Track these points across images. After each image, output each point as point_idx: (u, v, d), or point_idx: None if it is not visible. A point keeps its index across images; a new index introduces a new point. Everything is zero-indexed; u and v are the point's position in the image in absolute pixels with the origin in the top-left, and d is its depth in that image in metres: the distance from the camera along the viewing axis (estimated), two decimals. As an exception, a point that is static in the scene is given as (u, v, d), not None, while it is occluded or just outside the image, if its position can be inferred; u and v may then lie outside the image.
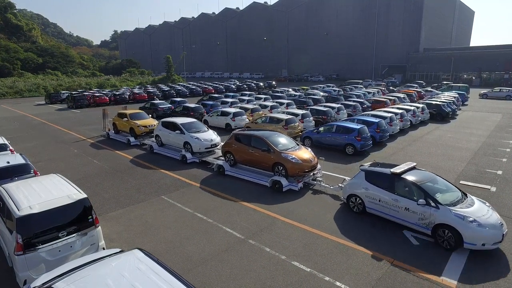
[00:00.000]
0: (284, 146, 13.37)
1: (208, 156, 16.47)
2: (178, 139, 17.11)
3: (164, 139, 18.22)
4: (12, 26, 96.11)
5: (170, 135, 17.61)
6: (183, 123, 17.51)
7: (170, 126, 17.83)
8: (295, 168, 12.48)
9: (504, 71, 65.64)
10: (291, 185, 12.55)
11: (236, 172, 14.26)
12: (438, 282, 7.35)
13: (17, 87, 56.73)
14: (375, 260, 8.19)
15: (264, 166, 13.45)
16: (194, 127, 17.47)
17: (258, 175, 13.63)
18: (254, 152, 13.62)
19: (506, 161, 16.25)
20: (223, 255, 8.42)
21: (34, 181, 8.43)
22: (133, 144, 20.06)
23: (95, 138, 22.35)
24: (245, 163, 14.28)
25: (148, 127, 20.47)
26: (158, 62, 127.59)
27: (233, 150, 14.48)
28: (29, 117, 32.41)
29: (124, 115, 21.37)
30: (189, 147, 16.54)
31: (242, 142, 14.21)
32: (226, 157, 14.91)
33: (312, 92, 40.57)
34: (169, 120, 18.29)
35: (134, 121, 20.66)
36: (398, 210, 9.41)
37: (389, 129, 20.44)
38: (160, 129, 18.33)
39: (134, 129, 20.42)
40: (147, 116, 21.94)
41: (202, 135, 16.87)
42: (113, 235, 9.47)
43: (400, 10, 77.51)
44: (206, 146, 16.52)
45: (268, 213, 10.80)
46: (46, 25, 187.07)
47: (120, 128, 21.73)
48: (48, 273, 5.32)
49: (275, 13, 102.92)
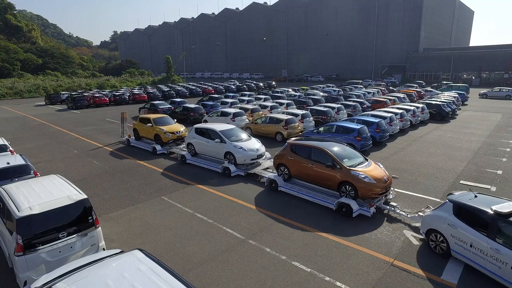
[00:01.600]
0: (352, 161, 11.32)
1: (255, 168, 14.46)
2: (218, 149, 15.17)
3: (198, 148, 16.23)
4: (12, 27, 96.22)
5: (208, 144, 15.62)
6: (223, 130, 15.52)
7: (206, 134, 15.84)
8: (367, 189, 10.37)
9: (503, 71, 65.66)
10: (362, 209, 10.44)
11: (291, 188, 12.20)
12: (438, 282, 7.35)
13: (17, 88, 56.73)
14: (375, 260, 8.19)
15: (327, 184, 11.39)
16: (234, 134, 15.57)
17: (319, 194, 11.54)
18: (315, 167, 11.54)
19: (506, 160, 16.26)
20: (223, 256, 8.42)
21: (34, 182, 8.42)
22: (160, 152, 18.04)
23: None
24: (303, 178, 12.25)
25: (175, 133, 18.55)
26: (157, 62, 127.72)
27: (288, 162, 12.45)
28: (29, 118, 32.41)
29: (148, 120, 19.29)
30: (231, 158, 14.56)
31: (300, 154, 12.18)
32: (279, 170, 12.86)
33: (312, 92, 40.56)
34: (205, 127, 16.23)
35: (159, 127, 18.64)
36: (500, 265, 6.91)
37: (389, 129, 20.44)
38: (194, 136, 16.30)
39: (160, 136, 18.35)
40: (172, 121, 19.93)
41: (246, 144, 14.85)
42: (113, 236, 9.47)
43: (399, 10, 77.54)
44: (251, 157, 14.47)
45: (268, 213, 10.80)
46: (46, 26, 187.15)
47: (143, 134, 19.83)
48: (49, 274, 5.32)
49: (275, 13, 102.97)
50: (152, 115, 20.65)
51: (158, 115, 20.39)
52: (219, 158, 15.45)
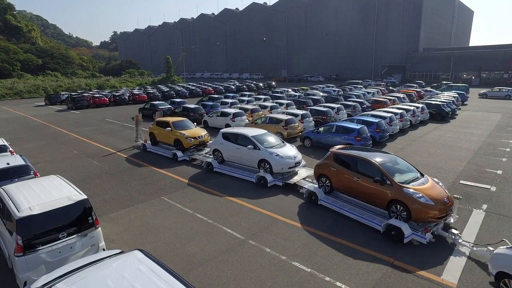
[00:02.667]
0: (406, 177, 9.87)
1: (293, 178, 13.13)
2: (250, 156, 13.82)
3: (226, 154, 14.91)
4: (11, 28, 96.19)
5: (239, 151, 14.26)
6: (255, 135, 14.15)
7: (236, 139, 14.54)
8: (423, 212, 8.84)
9: (503, 71, 65.69)
10: (416, 234, 8.87)
11: (333, 203, 10.94)
12: (439, 282, 7.35)
13: (16, 88, 56.73)
14: (375, 260, 8.19)
15: (374, 201, 10.03)
16: (267, 140, 14.22)
17: (364, 212, 10.18)
18: (361, 181, 10.17)
19: (506, 160, 16.26)
20: (223, 256, 8.42)
21: (34, 182, 8.41)
22: (181, 159, 16.81)
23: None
24: (347, 192, 10.97)
25: (197, 138, 17.31)
26: (157, 62, 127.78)
27: (331, 174, 11.17)
28: (29, 118, 32.41)
29: (166, 124, 18.01)
30: (267, 167, 13.23)
31: (344, 165, 10.87)
32: (320, 181, 11.62)
33: (311, 92, 40.58)
34: (234, 132, 14.89)
35: (180, 131, 17.44)
36: None
37: (389, 129, 20.45)
38: (222, 142, 14.98)
39: (181, 141, 17.09)
40: (192, 125, 18.56)
41: (282, 150, 13.54)
42: (113, 236, 9.47)
43: (399, 10, 77.61)
44: (289, 164, 13.15)
45: (268, 214, 10.80)
46: (46, 26, 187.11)
47: (160, 139, 18.64)
48: (49, 274, 5.31)
49: (275, 13, 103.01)
50: (171, 118, 19.40)
51: (177, 118, 19.09)
52: (251, 166, 14.06)
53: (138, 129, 20.04)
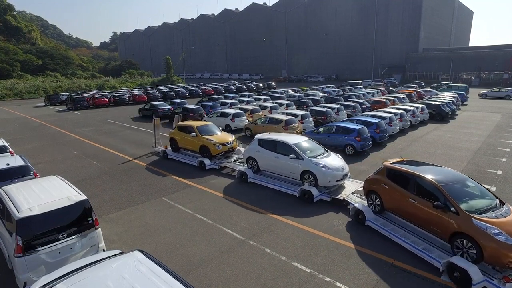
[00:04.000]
0: (478, 204, 7.83)
1: (342, 192, 11.68)
2: (292, 167, 12.33)
3: (263, 163, 13.51)
4: (11, 28, 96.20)
5: (278, 160, 12.80)
6: (297, 143, 12.72)
7: (274, 147, 13.12)
8: (502, 254, 6.77)
9: (503, 71, 65.72)
10: (491, 282, 6.84)
11: (382, 226, 9.31)
12: (439, 282, 7.35)
13: (16, 89, 56.77)
14: (375, 260, 8.19)
15: (434, 231, 8.16)
16: (310, 148, 12.79)
17: (419, 241, 8.39)
18: (418, 204, 8.37)
19: (506, 160, 16.27)
20: (223, 256, 8.42)
21: (34, 183, 8.41)
22: (209, 168, 15.37)
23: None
24: (400, 215, 9.22)
25: (226, 144, 15.95)
26: (157, 63, 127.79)
27: (382, 191, 9.56)
28: (29, 119, 32.41)
29: (190, 129, 16.66)
30: (311, 179, 11.78)
31: (399, 182, 9.10)
32: (370, 198, 10.06)
33: (311, 92, 40.56)
34: (272, 138, 13.41)
35: (206, 137, 16.12)
36: None
37: (388, 129, 20.45)
38: (257, 149, 13.60)
39: (209, 148, 15.66)
40: (218, 130, 17.26)
41: (328, 161, 12.06)
42: (113, 237, 9.46)
43: (399, 10, 77.66)
44: (337, 177, 11.72)
45: (268, 214, 10.79)
46: (46, 27, 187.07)
47: (183, 145, 17.28)
48: (48, 275, 5.31)
49: (274, 13, 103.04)
50: (194, 122, 18.10)
51: (202, 123, 17.80)
52: (292, 178, 12.62)
53: (156, 134, 18.71)
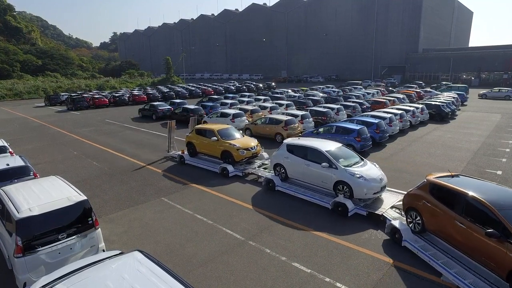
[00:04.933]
0: None
1: (382, 206, 10.45)
2: (324, 176, 11.27)
3: (292, 170, 12.47)
4: (11, 28, 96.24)
5: (308, 168, 11.74)
6: (330, 150, 11.59)
7: (305, 153, 12.00)
8: None
9: (503, 71, 65.75)
10: None
11: (422, 249, 8.00)
12: (438, 283, 7.35)
13: (16, 89, 56.76)
14: (375, 261, 8.19)
15: (487, 263, 6.81)
16: (344, 156, 11.70)
17: (467, 274, 7.08)
18: (467, 229, 7.08)
19: (505, 161, 16.27)
20: (223, 257, 8.42)
21: (34, 183, 8.41)
22: (232, 174, 14.39)
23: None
24: (443, 237, 7.89)
25: (250, 150, 14.95)
26: (157, 63, 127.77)
27: (423, 209, 8.29)
28: (29, 119, 32.40)
29: (210, 133, 15.70)
30: (346, 190, 10.69)
31: (444, 201, 7.78)
32: (409, 216, 8.81)
33: (311, 93, 40.58)
34: (302, 144, 12.34)
35: (228, 141, 15.13)
36: None
37: (388, 129, 20.45)
38: (286, 156, 12.56)
39: (232, 154, 14.66)
40: (239, 133, 16.36)
41: (365, 171, 10.85)
42: (113, 237, 9.46)
43: (399, 10, 77.69)
44: (374, 189, 10.53)
45: (268, 214, 10.79)
46: (46, 27, 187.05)
47: (202, 150, 16.28)
48: (48, 275, 5.31)
49: (274, 14, 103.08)
50: (214, 125, 17.05)
51: (222, 126, 16.78)
52: (324, 188, 11.61)
53: (171, 137, 17.68)
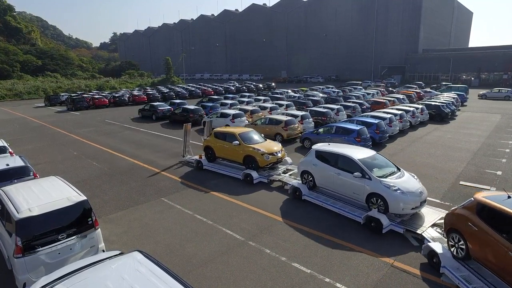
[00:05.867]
0: None
1: (424, 225, 9.22)
2: (355, 186, 10.24)
3: (320, 179, 11.47)
4: (11, 29, 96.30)
5: (338, 177, 10.73)
6: (363, 158, 10.53)
7: (335, 161, 10.98)
8: None
9: (503, 72, 65.79)
10: None
11: (463, 280, 6.93)
12: (439, 283, 7.34)
13: (16, 89, 56.79)
14: (375, 261, 8.19)
15: None
16: (380, 165, 10.65)
17: None
18: None
19: (505, 161, 16.27)
20: (223, 257, 8.41)
21: (34, 184, 8.41)
22: (257, 181, 13.42)
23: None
24: (492, 268, 6.76)
25: (275, 155, 13.98)
26: (157, 64, 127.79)
27: (468, 233, 7.16)
28: (29, 119, 32.40)
29: (232, 136, 14.71)
30: (380, 204, 9.60)
31: (495, 226, 6.62)
32: (451, 239, 7.70)
33: (311, 93, 40.62)
34: (332, 151, 11.20)
35: (252, 145, 14.13)
36: None
37: (388, 130, 20.46)
38: (315, 163, 11.54)
39: (256, 159, 13.66)
40: (261, 137, 15.35)
41: (403, 183, 9.68)
42: (113, 237, 9.46)
43: (399, 10, 77.71)
44: (413, 203, 9.29)
45: (268, 215, 10.79)
46: (46, 28, 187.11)
47: (222, 155, 15.36)
48: (48, 275, 5.31)
49: (274, 14, 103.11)
50: (235, 129, 16.04)
51: (243, 129, 15.89)
52: (355, 200, 10.58)
53: (186, 141, 16.85)
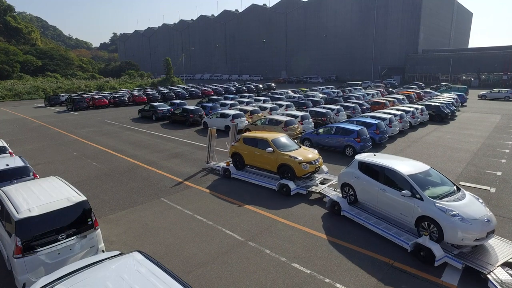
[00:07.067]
0: None
1: (484, 257, 7.65)
2: (403, 206, 8.72)
3: (362, 194, 10.13)
4: (11, 29, 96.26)
5: (384, 194, 9.27)
6: (414, 174, 8.92)
7: (382, 175, 9.48)
8: None
9: (502, 72, 65.85)
10: None
11: None
12: (439, 284, 7.34)
13: (16, 89, 56.79)
14: (375, 261, 8.18)
15: None
16: (435, 183, 8.98)
17: None
18: None
19: (505, 162, 16.27)
20: (223, 258, 8.41)
21: (33, 184, 8.40)
22: (294, 193, 12.17)
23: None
24: None
25: (313, 163, 12.64)
26: (157, 64, 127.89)
27: None
28: (28, 120, 32.38)
29: (264, 142, 13.36)
30: (433, 230, 8.01)
31: None
32: None
33: (311, 93, 40.66)
34: (378, 163, 9.68)
35: (287, 153, 12.78)
36: None
37: (388, 130, 20.46)
38: (357, 175, 10.19)
39: (293, 168, 12.32)
40: (294, 143, 14.02)
41: (463, 207, 7.98)
42: (112, 238, 9.45)
43: (398, 11, 77.80)
44: (476, 234, 7.59)
45: (267, 215, 10.78)
46: (46, 28, 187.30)
47: (252, 162, 13.98)
48: (47, 276, 5.30)
49: (274, 15, 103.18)
50: (267, 134, 14.40)
51: (276, 134, 14.41)
52: (402, 221, 9.02)
53: (211, 147, 15.51)
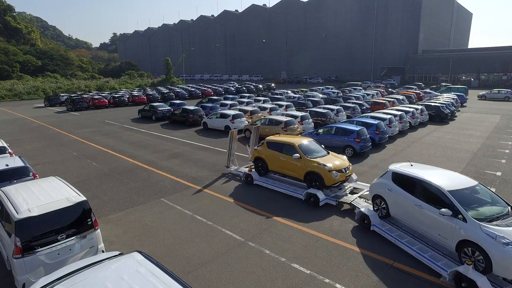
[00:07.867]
0: None
1: None
2: (443, 226, 7.67)
3: (396, 207, 9.14)
4: (11, 29, 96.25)
5: (420, 211, 8.25)
6: (457, 190, 7.88)
7: (419, 189, 8.41)
8: None
9: (502, 73, 65.90)
10: None
11: None
12: (439, 284, 7.34)
13: (16, 89, 56.77)
14: (375, 261, 8.18)
15: None
16: (482, 202, 7.90)
17: None
18: None
19: (505, 162, 16.28)
20: (222, 258, 8.41)
21: (33, 184, 8.40)
22: (323, 203, 11.28)
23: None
24: None
25: (343, 171, 11.70)
26: (157, 64, 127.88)
27: None
28: (28, 120, 32.37)
29: (290, 148, 12.46)
30: (479, 259, 6.95)
31: None
32: None
33: (311, 94, 40.67)
34: (414, 176, 8.62)
35: (316, 159, 11.90)
36: None
37: (388, 130, 20.47)
38: (390, 187, 9.20)
39: (322, 176, 11.41)
40: (322, 149, 12.98)
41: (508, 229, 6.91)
42: (112, 238, 9.44)
43: (398, 11, 77.85)
44: None
45: (267, 215, 10.78)
46: (45, 28, 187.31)
47: (276, 168, 13.11)
48: (47, 276, 5.30)
49: (274, 15, 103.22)
50: (293, 138, 13.47)
51: (302, 138, 13.50)
52: (440, 243, 7.97)
53: (231, 149, 14.69)
